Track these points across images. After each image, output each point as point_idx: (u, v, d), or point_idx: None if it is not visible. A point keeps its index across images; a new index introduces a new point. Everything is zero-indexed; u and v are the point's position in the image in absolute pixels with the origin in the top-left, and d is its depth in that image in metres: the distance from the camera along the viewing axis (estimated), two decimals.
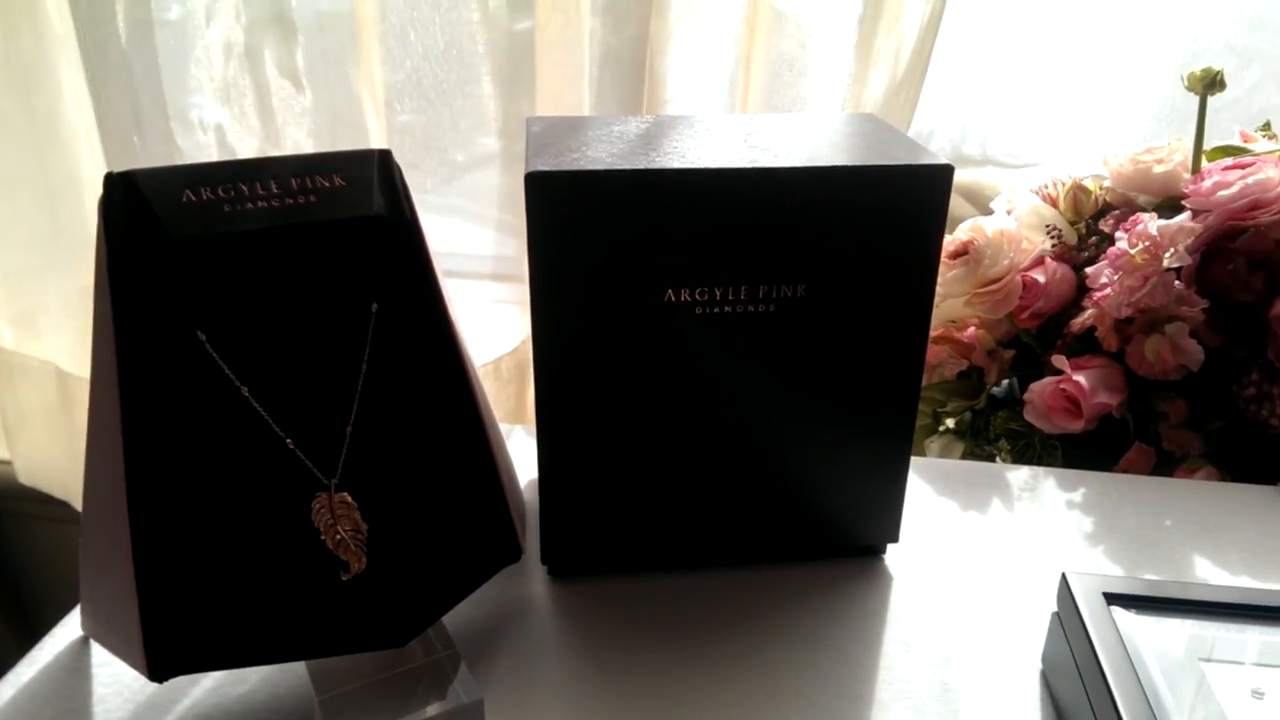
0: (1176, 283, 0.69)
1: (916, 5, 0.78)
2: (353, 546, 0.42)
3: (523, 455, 0.64)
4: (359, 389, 0.43)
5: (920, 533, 0.61)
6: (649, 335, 0.49)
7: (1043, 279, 0.75)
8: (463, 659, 0.44)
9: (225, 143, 0.93)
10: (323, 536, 0.42)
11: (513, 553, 0.50)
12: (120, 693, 0.48)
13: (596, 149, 0.49)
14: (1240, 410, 0.70)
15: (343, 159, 0.44)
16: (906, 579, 0.57)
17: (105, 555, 0.43)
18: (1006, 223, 0.77)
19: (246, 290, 0.41)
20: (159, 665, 0.41)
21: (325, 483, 0.42)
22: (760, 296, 0.49)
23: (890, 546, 0.59)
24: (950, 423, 0.81)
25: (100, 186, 0.40)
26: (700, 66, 0.86)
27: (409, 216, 0.45)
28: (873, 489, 0.55)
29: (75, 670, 0.49)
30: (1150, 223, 0.69)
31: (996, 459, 0.78)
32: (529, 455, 0.58)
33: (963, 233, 0.78)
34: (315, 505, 0.42)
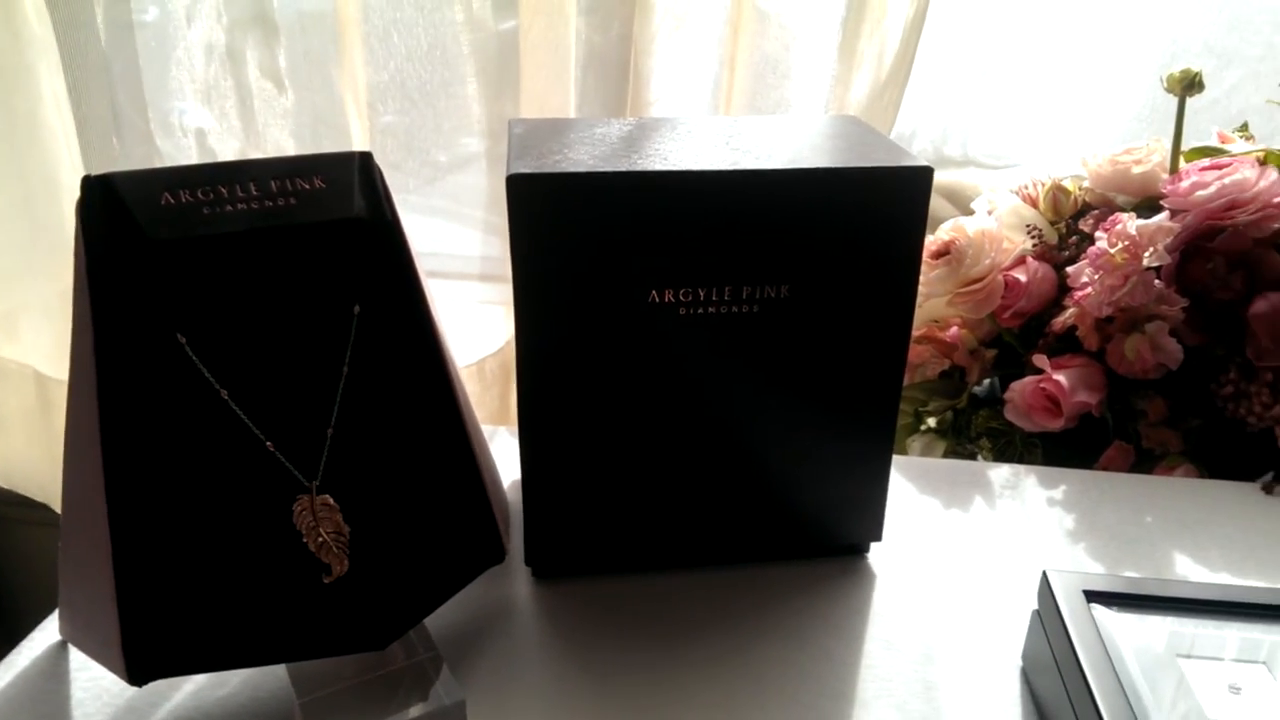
0: (1156, 282, 0.70)
1: (899, 7, 0.79)
2: (334, 549, 0.42)
3: (507, 456, 0.64)
4: (340, 391, 0.43)
5: (903, 531, 0.61)
6: (633, 336, 0.49)
7: (1024, 278, 0.75)
8: (445, 661, 0.44)
9: (206, 144, 0.93)
10: (304, 539, 0.42)
11: (496, 554, 0.50)
12: (99, 697, 0.47)
13: (579, 151, 0.49)
14: (1219, 408, 0.71)
15: (323, 161, 0.44)
16: (889, 577, 0.57)
17: (84, 559, 0.43)
18: (988, 223, 0.78)
19: (226, 293, 0.41)
20: (138, 669, 0.41)
21: (306, 485, 0.42)
22: (744, 297, 0.49)
23: (873, 545, 0.59)
24: (932, 421, 0.81)
25: (79, 189, 0.40)
26: (684, 68, 0.87)
27: (390, 218, 0.45)
28: (855, 488, 0.56)
29: (53, 675, 0.49)
30: (1129, 222, 0.70)
31: (978, 457, 0.79)
32: (513, 456, 0.58)
33: (944, 233, 0.78)
34: (297, 508, 0.42)
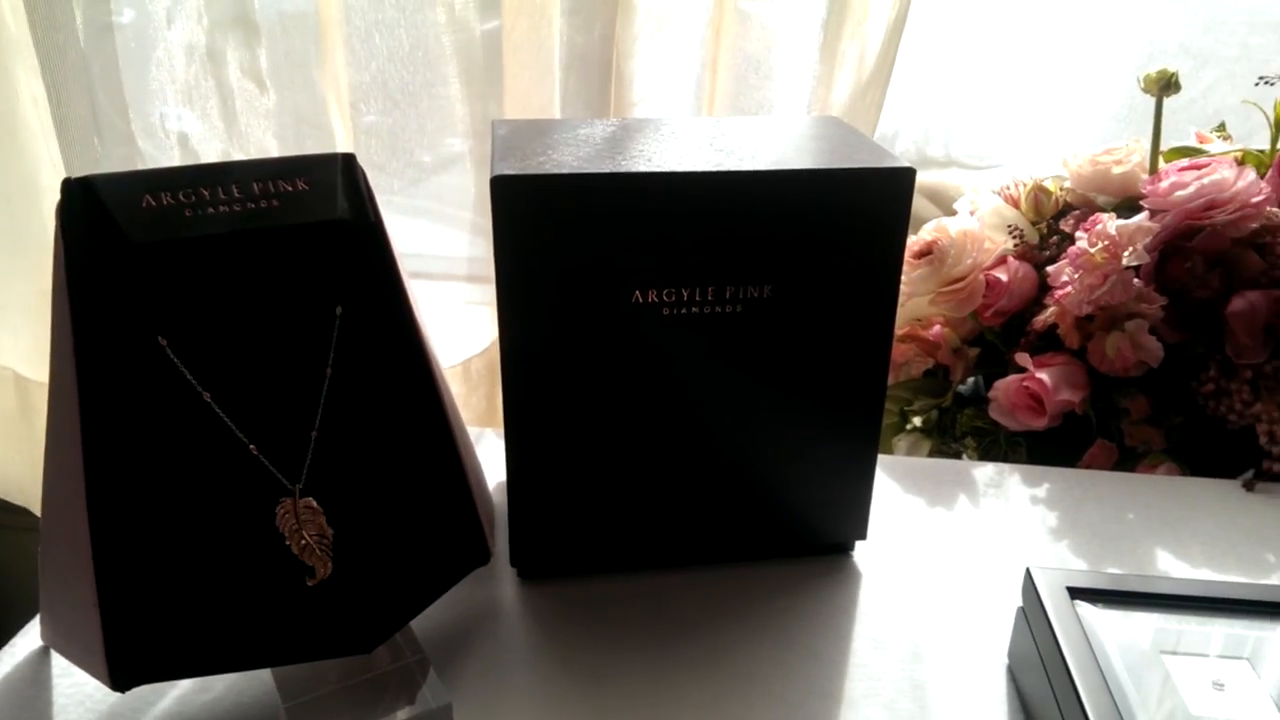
0: (1135, 281, 0.70)
1: (881, 8, 0.79)
2: (318, 552, 0.42)
3: (492, 457, 0.64)
4: (324, 393, 0.43)
5: (888, 530, 0.61)
6: (617, 336, 0.49)
7: (1005, 278, 0.76)
8: (431, 664, 0.44)
9: (188, 145, 0.92)
10: (288, 542, 0.42)
11: (481, 555, 0.50)
12: (82, 703, 0.47)
13: (562, 152, 0.48)
14: (1200, 406, 0.72)
15: (306, 163, 0.44)
16: (875, 576, 0.57)
17: (65, 563, 0.42)
18: (969, 223, 0.78)
19: (208, 295, 0.41)
20: (121, 674, 0.41)
21: (290, 488, 0.42)
22: (727, 298, 0.49)
23: (859, 544, 0.59)
24: (917, 420, 0.81)
25: (59, 191, 0.39)
26: (667, 69, 0.87)
27: (373, 220, 0.45)
28: (841, 487, 0.56)
29: (35, 681, 0.48)
30: (1109, 222, 0.70)
31: (962, 456, 0.79)
32: (499, 457, 0.58)
33: (927, 233, 0.79)
34: (280, 511, 0.42)
